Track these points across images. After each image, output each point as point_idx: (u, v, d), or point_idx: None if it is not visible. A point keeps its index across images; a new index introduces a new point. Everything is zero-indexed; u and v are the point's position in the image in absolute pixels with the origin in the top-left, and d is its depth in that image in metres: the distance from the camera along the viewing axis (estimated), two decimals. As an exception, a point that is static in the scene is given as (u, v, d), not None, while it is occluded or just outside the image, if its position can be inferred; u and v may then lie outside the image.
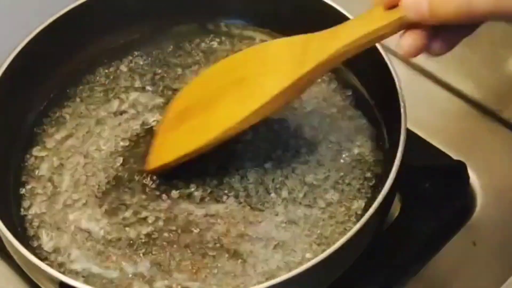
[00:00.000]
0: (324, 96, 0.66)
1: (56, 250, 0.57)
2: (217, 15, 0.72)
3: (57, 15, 0.65)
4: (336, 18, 0.63)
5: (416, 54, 0.48)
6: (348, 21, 0.53)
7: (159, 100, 0.66)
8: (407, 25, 0.48)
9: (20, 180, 0.61)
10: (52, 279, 0.51)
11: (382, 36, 0.49)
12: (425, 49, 0.48)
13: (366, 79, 0.65)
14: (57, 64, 0.67)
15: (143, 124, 0.65)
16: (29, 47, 0.63)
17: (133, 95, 0.67)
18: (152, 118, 0.65)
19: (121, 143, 0.63)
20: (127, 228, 0.58)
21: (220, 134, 0.56)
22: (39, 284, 0.55)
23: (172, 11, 0.71)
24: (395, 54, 0.75)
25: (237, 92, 0.56)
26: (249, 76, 0.56)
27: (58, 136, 0.64)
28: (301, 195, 0.59)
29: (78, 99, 0.67)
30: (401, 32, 0.49)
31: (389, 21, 0.48)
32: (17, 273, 0.61)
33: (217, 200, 0.59)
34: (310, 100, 0.65)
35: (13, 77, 0.62)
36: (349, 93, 0.66)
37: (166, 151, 0.59)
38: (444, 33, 0.48)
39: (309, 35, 0.53)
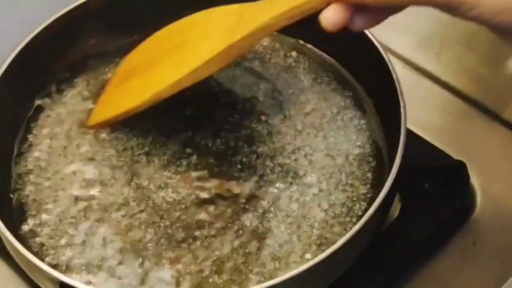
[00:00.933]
0: (324, 96, 0.66)
1: (56, 250, 0.57)
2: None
3: (57, 15, 0.65)
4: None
5: (338, 27, 0.48)
6: None
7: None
8: None
9: (21, 180, 0.61)
10: (52, 279, 0.51)
11: (312, 8, 0.50)
12: (348, 23, 0.48)
13: (366, 79, 0.65)
14: (57, 63, 0.67)
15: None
16: (29, 47, 0.63)
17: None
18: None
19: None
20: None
21: (154, 96, 0.58)
22: (39, 284, 0.55)
23: (172, 12, 0.70)
24: (395, 54, 0.76)
25: (175, 55, 0.59)
26: (188, 41, 0.59)
27: (59, 136, 0.64)
28: (301, 195, 0.59)
29: (78, 99, 0.67)
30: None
31: None
32: (17, 273, 0.62)
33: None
34: (310, 100, 0.65)
35: (13, 77, 0.62)
36: (349, 93, 0.66)
37: (107, 108, 0.63)
38: (369, 10, 0.48)
39: (246, 4, 0.55)
